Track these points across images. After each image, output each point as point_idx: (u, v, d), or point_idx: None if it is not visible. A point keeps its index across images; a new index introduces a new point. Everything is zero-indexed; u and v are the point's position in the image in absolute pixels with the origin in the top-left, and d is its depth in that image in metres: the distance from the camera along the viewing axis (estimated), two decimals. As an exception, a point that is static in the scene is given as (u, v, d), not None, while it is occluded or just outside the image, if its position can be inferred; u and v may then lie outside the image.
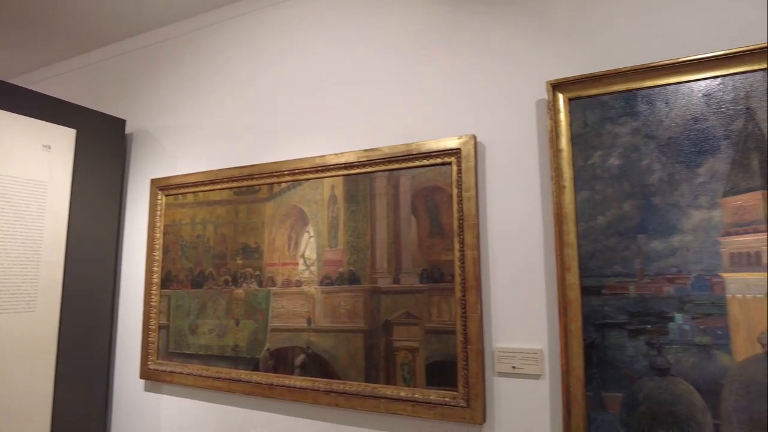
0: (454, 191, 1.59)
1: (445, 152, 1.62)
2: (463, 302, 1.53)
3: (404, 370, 1.60)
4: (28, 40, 2.60)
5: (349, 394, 1.66)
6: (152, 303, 2.19)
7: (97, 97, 2.65)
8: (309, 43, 2.03)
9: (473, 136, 1.60)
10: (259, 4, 2.19)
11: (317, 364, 1.75)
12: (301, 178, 1.88)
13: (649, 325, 1.32)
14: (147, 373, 2.15)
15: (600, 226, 1.40)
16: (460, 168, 1.59)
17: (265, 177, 1.96)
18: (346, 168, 1.79)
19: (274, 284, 1.89)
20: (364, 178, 1.76)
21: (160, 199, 2.25)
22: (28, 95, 2.03)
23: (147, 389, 2.20)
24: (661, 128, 1.37)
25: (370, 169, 1.74)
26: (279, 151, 2.00)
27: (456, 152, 1.61)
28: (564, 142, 1.46)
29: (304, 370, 1.78)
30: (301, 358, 1.79)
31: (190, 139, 2.29)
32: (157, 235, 2.23)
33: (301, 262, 1.84)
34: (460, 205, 1.58)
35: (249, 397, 1.91)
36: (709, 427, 1.23)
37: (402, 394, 1.58)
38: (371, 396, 1.62)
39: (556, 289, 1.42)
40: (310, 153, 1.90)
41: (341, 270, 1.75)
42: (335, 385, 1.70)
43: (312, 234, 1.83)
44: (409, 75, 1.79)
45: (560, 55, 1.55)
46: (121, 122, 2.42)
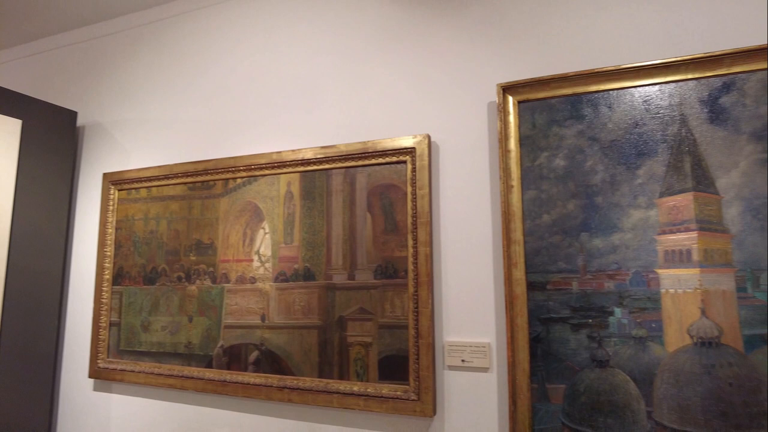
0: (409, 189, 1.62)
1: (401, 151, 1.65)
2: (416, 297, 1.56)
3: (357, 365, 1.62)
4: (-28, 25, 2.50)
5: (303, 390, 1.67)
6: (103, 300, 2.13)
7: (47, 88, 2.56)
8: (267, 39, 2.02)
9: (427, 136, 1.63)
10: (218, -3, 2.17)
11: (271, 361, 1.75)
12: (257, 173, 1.87)
13: (590, 319, 1.38)
14: (96, 372, 2.09)
15: (545, 224, 1.45)
16: (414, 166, 1.63)
17: (221, 172, 1.94)
18: (302, 164, 1.79)
19: (228, 281, 1.87)
20: (320, 175, 1.77)
21: (113, 194, 2.20)
22: (-31, 83, 1.95)
23: (96, 389, 2.14)
24: (605, 131, 1.43)
25: (327, 166, 1.75)
26: (235, 147, 1.98)
27: (411, 151, 1.64)
28: (513, 143, 1.51)
29: (258, 366, 1.77)
30: (254, 355, 1.78)
31: (144, 132, 2.25)
32: (109, 230, 2.18)
33: (256, 258, 1.83)
34: (414, 203, 1.61)
35: (202, 395, 1.89)
36: (643, 414, 1.30)
37: (355, 389, 1.60)
38: (324, 391, 1.64)
39: (504, 284, 1.46)
40: (266, 149, 1.90)
41: (296, 266, 1.76)
42: (288, 381, 1.70)
43: (267, 230, 1.83)
44: (365, 74, 1.81)
45: (511, 59, 1.60)
46: (72, 114, 2.34)
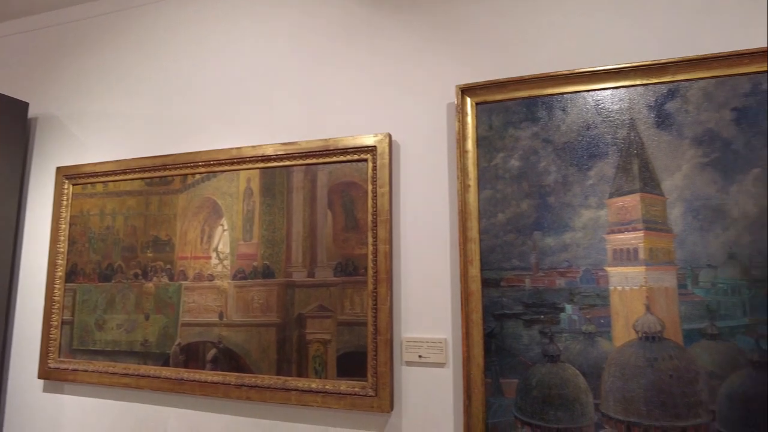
0: (369, 187, 1.64)
1: (362, 149, 1.66)
2: (375, 294, 1.57)
3: (316, 363, 1.63)
4: None
5: (261, 388, 1.66)
6: (55, 298, 2.07)
7: (-4, 77, 2.46)
8: (229, 34, 2.00)
9: (388, 135, 1.65)
10: (178, -11, 2.13)
11: (229, 359, 1.74)
12: (216, 169, 1.85)
13: (542, 315, 1.43)
14: (46, 373, 2.02)
15: (500, 223, 1.49)
16: (375, 165, 1.64)
17: (179, 168, 1.91)
18: (263, 161, 1.78)
19: (186, 278, 1.85)
20: (281, 172, 1.76)
21: (67, 189, 2.13)
22: None
23: (46, 390, 2.07)
24: (558, 133, 1.48)
25: (288, 163, 1.75)
26: (194, 142, 1.95)
27: (372, 149, 1.65)
28: (470, 144, 1.54)
29: (216, 364, 1.75)
30: (212, 353, 1.76)
31: (101, 125, 2.18)
32: (63, 226, 2.11)
33: (214, 255, 1.81)
34: (375, 201, 1.62)
35: (158, 393, 1.86)
36: (591, 407, 1.36)
37: (313, 386, 1.60)
38: (282, 389, 1.63)
39: (459, 281, 1.49)
40: (226, 144, 1.88)
41: (255, 264, 1.75)
42: (247, 378, 1.69)
43: (226, 227, 1.81)
44: (327, 72, 1.81)
45: (470, 61, 1.64)
46: (23, 105, 2.26)
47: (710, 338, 1.29)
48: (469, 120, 1.56)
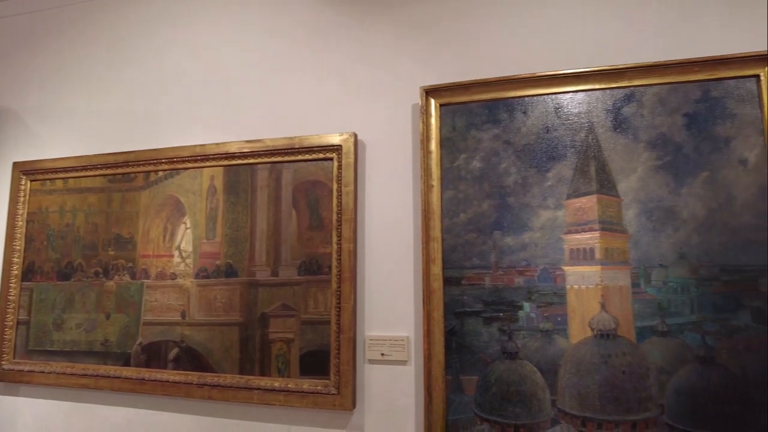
0: (335, 186, 1.64)
1: (327, 148, 1.67)
2: (338, 293, 1.58)
3: (279, 361, 1.62)
4: None
5: (223, 387, 1.65)
6: (10, 297, 2.01)
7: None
8: (194, 31, 1.97)
9: (354, 134, 1.65)
10: (143, -17, 2.09)
11: (191, 358, 1.72)
12: (179, 167, 1.82)
13: (501, 313, 1.46)
14: (1, 375, 1.96)
15: (462, 223, 1.52)
16: (340, 164, 1.64)
17: (142, 165, 1.88)
18: (227, 158, 1.77)
19: (148, 276, 1.82)
20: (245, 170, 1.75)
21: (24, 185, 2.07)
22: None
23: (1, 392, 2.01)
24: (519, 135, 1.51)
25: (252, 161, 1.74)
26: (157, 139, 1.92)
27: (337, 148, 1.65)
28: (434, 145, 1.56)
29: (178, 363, 1.73)
30: (174, 352, 1.74)
31: (61, 120, 2.13)
32: (19, 223, 2.05)
33: (177, 254, 1.79)
34: (340, 200, 1.63)
35: (118, 394, 1.82)
36: (548, 403, 1.39)
37: (276, 385, 1.60)
38: (245, 388, 1.63)
39: (422, 279, 1.51)
40: (190, 141, 1.85)
41: (218, 263, 1.73)
42: (209, 378, 1.67)
43: (189, 225, 1.79)
44: (294, 70, 1.81)
45: (436, 63, 1.66)
46: (-22, 98, 2.19)
47: (661, 335, 1.34)
48: (433, 121, 1.58)
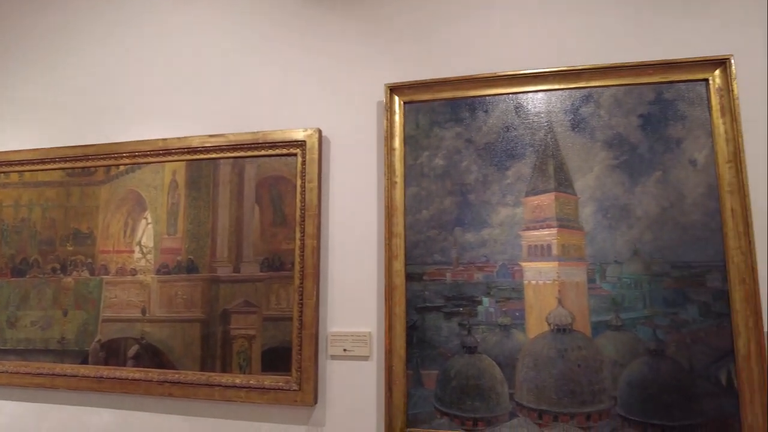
0: (298, 182, 1.64)
1: (291, 143, 1.66)
2: (301, 289, 1.58)
3: (240, 358, 1.61)
4: None
5: (184, 384, 1.63)
6: (-38, 294, 1.94)
7: None
8: (157, 21, 1.93)
9: (318, 130, 1.65)
10: (105, -27, 2.04)
11: (152, 355, 1.69)
12: (140, 161, 1.79)
13: (461, 308, 1.48)
14: (-50, 375, 1.90)
15: (424, 219, 1.53)
16: (304, 159, 1.64)
17: (102, 158, 1.84)
18: (189, 153, 1.74)
19: (108, 272, 1.78)
20: (207, 165, 1.73)
21: (-23, 178, 2.01)
22: None
23: (-49, 392, 1.95)
24: (480, 134, 1.54)
25: (215, 156, 1.72)
26: (118, 132, 1.88)
27: (301, 144, 1.65)
28: (398, 142, 1.57)
29: (138, 361, 1.70)
30: (134, 349, 1.71)
31: (17, 112, 2.06)
32: (-29, 218, 1.98)
33: (137, 249, 1.76)
34: (303, 196, 1.62)
35: (76, 393, 1.78)
36: (506, 396, 1.42)
37: (237, 381, 1.59)
38: (206, 384, 1.61)
39: (384, 275, 1.52)
40: (151, 135, 1.82)
41: (179, 258, 1.71)
42: (170, 375, 1.65)
43: (150, 221, 1.76)
44: (258, 64, 1.79)
45: (400, 61, 1.67)
46: (-70, 87, 2.10)
47: (615, 329, 1.39)
48: (397, 118, 1.59)
